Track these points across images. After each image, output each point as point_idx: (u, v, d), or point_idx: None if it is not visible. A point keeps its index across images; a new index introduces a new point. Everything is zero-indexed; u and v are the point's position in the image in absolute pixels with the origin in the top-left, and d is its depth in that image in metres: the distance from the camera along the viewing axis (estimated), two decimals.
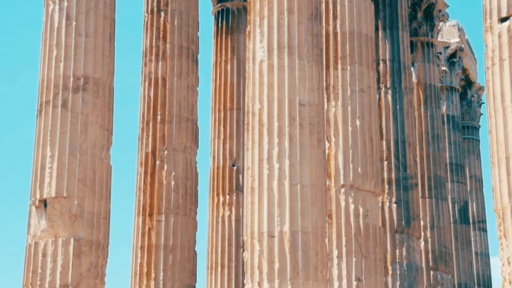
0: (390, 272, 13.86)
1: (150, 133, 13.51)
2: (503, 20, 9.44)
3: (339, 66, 12.57)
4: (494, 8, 9.50)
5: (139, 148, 13.67)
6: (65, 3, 11.38)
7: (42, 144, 11.06)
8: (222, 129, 15.68)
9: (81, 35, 11.30)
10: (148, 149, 13.47)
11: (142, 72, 13.99)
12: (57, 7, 11.40)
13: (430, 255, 16.71)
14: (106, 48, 11.56)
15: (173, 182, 13.22)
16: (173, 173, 13.26)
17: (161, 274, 12.87)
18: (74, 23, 11.32)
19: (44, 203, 10.84)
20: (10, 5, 39.11)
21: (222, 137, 15.65)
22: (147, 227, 13.16)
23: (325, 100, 12.23)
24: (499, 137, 9.14)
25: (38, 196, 10.88)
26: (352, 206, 11.78)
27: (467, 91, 23.02)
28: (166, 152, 13.35)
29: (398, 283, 13.86)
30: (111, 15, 11.71)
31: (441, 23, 19.23)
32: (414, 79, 17.12)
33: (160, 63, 13.67)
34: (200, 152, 13.90)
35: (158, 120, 13.51)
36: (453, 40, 21.19)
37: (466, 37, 22.25)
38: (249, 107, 10.76)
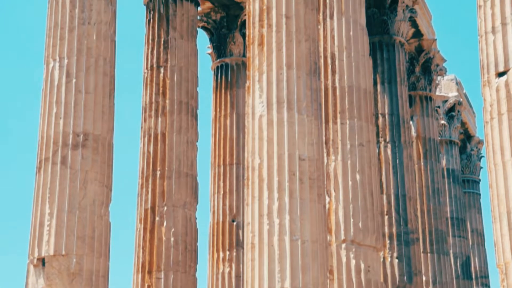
0: None
1: (150, 189, 13.46)
2: (500, 74, 9.48)
3: (338, 121, 12.58)
4: (491, 62, 9.55)
5: (138, 204, 13.60)
6: (66, 61, 11.46)
7: (41, 202, 11.00)
8: (221, 184, 15.63)
9: (81, 92, 11.35)
10: (147, 205, 13.41)
11: (141, 127, 14.01)
12: (57, 64, 11.48)
13: None
14: (106, 105, 11.59)
15: (172, 239, 13.12)
16: (173, 230, 13.17)
17: None
18: (74, 80, 11.39)
19: (42, 261, 10.74)
20: (10, 62, 39.40)
21: (221, 192, 15.59)
22: (146, 284, 13.01)
23: (325, 154, 12.21)
24: (499, 191, 9.09)
25: (36, 255, 10.78)
26: (353, 262, 11.66)
27: (467, 145, 23.06)
28: (165, 208, 13.28)
29: None
30: (111, 72, 11.78)
31: (439, 77, 19.37)
32: (413, 133, 17.15)
33: (159, 118, 13.70)
34: (199, 208, 13.85)
35: (158, 175, 13.47)
36: (451, 94, 21.32)
37: (464, 91, 22.38)
38: (249, 162, 10.74)
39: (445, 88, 21.41)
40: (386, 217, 14.42)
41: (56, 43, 11.55)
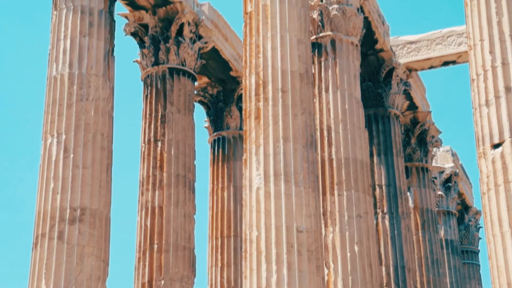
0: None
1: (147, 263, 13.35)
2: (495, 146, 9.55)
3: (336, 192, 12.61)
4: (486, 134, 9.63)
5: (135, 278, 13.48)
6: (63, 136, 11.54)
7: (37, 278, 10.90)
8: (219, 257, 15.53)
9: (79, 166, 11.39)
10: (144, 279, 13.29)
11: (139, 201, 13.99)
12: (55, 140, 11.55)
13: None
14: (103, 179, 11.62)
15: None
16: None
17: None
18: (71, 156, 11.44)
19: None
20: (8, 138, 39.55)
21: (219, 265, 15.48)
22: None
23: (323, 226, 12.19)
24: (499, 262, 9.05)
25: None
26: None
27: (464, 216, 23.03)
28: (163, 282, 13.16)
29: None
30: (108, 147, 11.84)
31: (434, 149, 19.49)
32: (410, 204, 17.15)
33: (157, 192, 13.69)
34: (197, 281, 13.73)
35: (155, 249, 13.39)
36: (448, 165, 21.42)
37: (460, 162, 22.50)
38: (247, 234, 10.69)
39: (441, 159, 21.52)
40: None
41: (54, 119, 11.65)
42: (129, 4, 14.40)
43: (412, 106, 17.57)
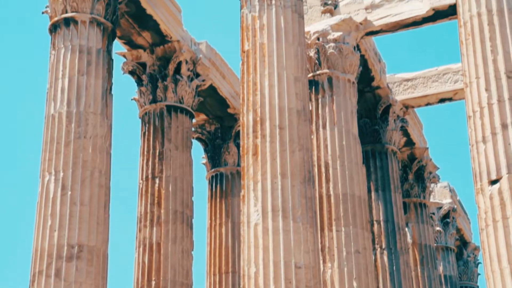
0: None
1: None
2: (493, 182, 9.59)
3: (334, 228, 12.59)
4: (484, 171, 9.67)
5: None
6: (61, 174, 11.55)
7: None
8: None
9: (76, 204, 11.39)
10: None
11: (136, 237, 13.96)
12: (52, 177, 11.56)
13: None
14: (101, 216, 11.61)
15: None
16: None
17: None
18: (69, 193, 11.44)
19: None
20: (5, 177, 39.51)
21: None
22: None
23: (321, 261, 12.16)
24: None
25: None
26: None
27: (463, 251, 22.96)
28: None
29: None
30: (106, 184, 11.85)
31: (432, 185, 19.50)
32: (409, 240, 17.11)
33: (154, 228, 13.67)
34: None
35: (153, 285, 13.33)
36: (445, 201, 21.42)
37: (458, 198, 22.51)
38: (245, 270, 10.66)
39: (439, 195, 21.53)
40: None
41: (52, 157, 11.67)
42: (127, 43, 14.49)
43: (409, 142, 17.62)
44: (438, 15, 14.10)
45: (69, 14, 12.47)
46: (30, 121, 37.56)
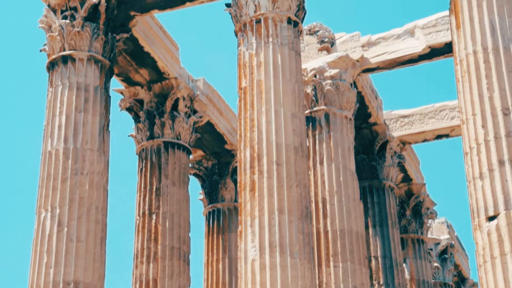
0: None
1: None
2: (491, 218, 9.59)
3: (331, 264, 12.56)
4: (481, 207, 9.67)
5: None
6: (57, 211, 11.53)
7: None
8: None
9: (72, 240, 11.34)
10: None
11: (133, 274, 13.89)
12: (49, 214, 11.53)
13: None
14: (97, 252, 11.56)
15: None
16: None
17: None
18: (65, 229, 11.40)
19: None
20: (2, 216, 39.39)
21: None
22: None
23: None
24: None
25: None
26: None
27: (461, 287, 22.85)
28: None
29: None
30: (102, 220, 11.83)
31: (430, 220, 19.49)
32: (407, 276, 17.04)
33: (151, 264, 13.61)
34: None
35: None
36: (443, 236, 21.39)
37: (455, 234, 22.48)
38: None
39: (437, 231, 21.50)
40: None
41: (49, 193, 11.65)
42: (125, 80, 14.55)
43: (407, 178, 17.64)
44: (434, 52, 14.23)
45: (66, 52, 12.54)
46: (27, 158, 37.52)
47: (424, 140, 16.77)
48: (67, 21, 12.68)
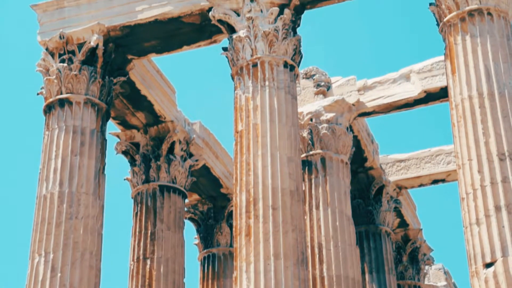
0: None
1: None
2: (488, 265, 9.52)
3: None
4: (478, 253, 9.60)
5: None
6: (51, 256, 11.41)
7: None
8: None
9: (66, 286, 11.22)
10: None
11: None
12: (42, 259, 11.42)
13: None
14: None
15: None
16: None
17: None
18: (59, 275, 11.28)
19: None
20: None
21: None
22: None
23: None
24: None
25: None
26: None
27: None
28: None
29: None
30: (96, 265, 11.71)
31: (427, 267, 19.37)
32: None
33: None
34: None
35: None
36: (440, 283, 21.26)
37: (452, 280, 22.34)
38: None
39: (434, 277, 21.36)
40: None
41: (43, 238, 11.56)
42: (121, 123, 14.55)
43: (403, 224, 17.55)
44: (430, 97, 14.28)
45: (63, 95, 12.56)
46: (22, 203, 37.35)
47: (421, 185, 16.74)
48: (65, 64, 12.73)
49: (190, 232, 17.05)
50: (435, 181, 16.63)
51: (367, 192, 15.85)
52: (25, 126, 38.52)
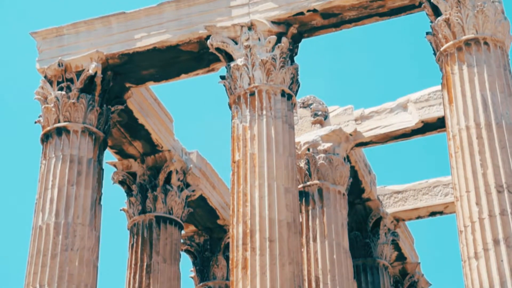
0: None
1: None
2: None
3: None
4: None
5: None
6: None
7: None
8: None
9: None
10: None
11: None
12: None
13: None
14: None
15: None
16: None
17: None
18: None
19: None
20: None
21: None
22: None
23: None
24: None
25: None
26: None
27: None
28: None
29: None
30: None
31: None
32: None
33: None
34: None
35: None
36: None
37: None
38: None
39: None
40: None
41: (38, 270, 11.43)
42: (118, 152, 14.49)
43: (401, 257, 17.38)
44: (427, 127, 14.25)
45: (61, 124, 12.52)
46: (17, 234, 37.07)
47: (418, 217, 16.63)
48: (63, 92, 12.70)
49: (186, 264, 16.92)
50: (432, 213, 16.53)
51: (364, 224, 15.75)
52: (22, 155, 38.36)
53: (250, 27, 12.09)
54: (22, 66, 33.17)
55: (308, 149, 13.90)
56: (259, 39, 12.00)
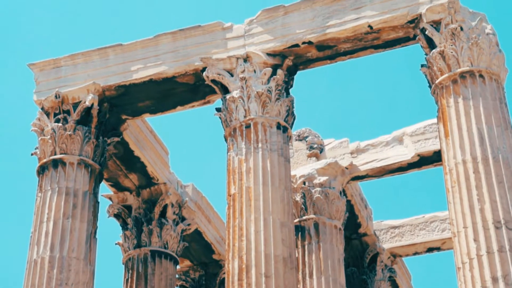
0: None
1: None
2: None
3: None
4: None
5: None
6: None
7: None
8: None
9: None
10: None
11: None
12: None
13: None
14: None
15: None
16: None
17: None
18: None
19: None
20: None
21: None
22: None
23: None
24: None
25: None
26: None
27: None
28: None
29: None
30: None
31: None
32: None
33: None
34: None
35: None
36: None
37: None
38: None
39: None
40: None
41: None
42: (114, 185, 14.41)
43: None
44: (424, 161, 14.20)
45: (57, 156, 12.47)
46: (12, 268, 36.75)
47: (415, 253, 16.49)
48: (60, 124, 12.66)
49: None
50: (430, 249, 16.38)
51: (361, 260, 15.61)
52: (19, 188, 38.16)
53: (246, 59, 12.11)
54: (19, 98, 33.17)
55: (304, 183, 13.84)
56: (255, 71, 12.00)
